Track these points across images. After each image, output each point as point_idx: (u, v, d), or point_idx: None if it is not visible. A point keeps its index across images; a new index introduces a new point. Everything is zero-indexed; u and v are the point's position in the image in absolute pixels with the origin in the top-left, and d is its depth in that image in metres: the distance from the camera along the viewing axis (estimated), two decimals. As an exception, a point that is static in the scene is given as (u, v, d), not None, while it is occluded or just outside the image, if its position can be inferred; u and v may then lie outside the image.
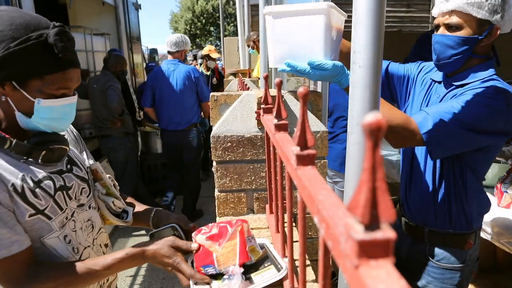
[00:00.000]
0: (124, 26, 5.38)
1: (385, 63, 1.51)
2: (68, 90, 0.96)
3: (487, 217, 1.93)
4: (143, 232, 4.01)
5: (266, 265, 0.91)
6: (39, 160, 0.97)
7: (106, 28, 5.06)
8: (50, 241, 0.98)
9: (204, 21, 25.07)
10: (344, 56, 1.35)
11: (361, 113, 0.86)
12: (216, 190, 1.21)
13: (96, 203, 1.17)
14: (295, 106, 1.17)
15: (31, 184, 0.94)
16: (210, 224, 0.98)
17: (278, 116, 0.73)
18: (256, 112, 1.14)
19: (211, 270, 0.90)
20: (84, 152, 1.24)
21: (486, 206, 1.45)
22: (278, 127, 0.72)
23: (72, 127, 1.22)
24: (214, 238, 0.92)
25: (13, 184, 0.91)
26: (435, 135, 1.16)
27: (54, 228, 0.99)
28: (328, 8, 1.11)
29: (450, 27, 1.22)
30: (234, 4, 20.63)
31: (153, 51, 11.70)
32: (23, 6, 2.80)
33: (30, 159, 0.96)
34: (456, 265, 1.41)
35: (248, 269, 0.91)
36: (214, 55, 5.66)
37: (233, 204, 1.21)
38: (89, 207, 1.13)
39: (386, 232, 0.27)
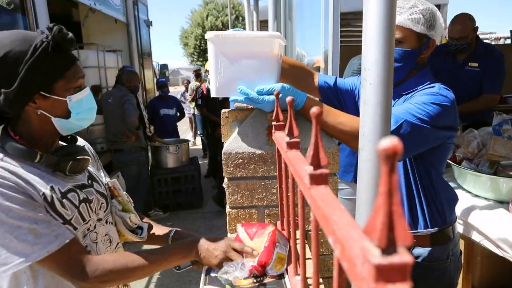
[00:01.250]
0: (135, 42, 5.49)
1: (331, 79, 1.58)
2: (83, 80, 1.04)
3: (504, 234, 1.90)
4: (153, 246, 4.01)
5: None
6: (66, 171, 1.02)
7: (118, 45, 5.18)
8: None
9: (213, 36, 25.42)
10: (287, 73, 1.45)
11: (372, 131, 0.86)
12: (227, 206, 1.21)
13: (113, 219, 1.20)
14: (306, 123, 1.18)
15: (59, 194, 0.98)
16: (255, 223, 1.11)
17: (290, 134, 0.74)
18: (267, 129, 1.15)
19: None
20: (101, 170, 1.28)
21: (455, 197, 1.51)
22: (290, 145, 0.73)
23: (89, 146, 1.27)
24: (250, 233, 1.02)
25: (43, 194, 0.94)
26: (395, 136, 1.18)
27: (78, 237, 1.02)
28: (278, 38, 1.09)
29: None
30: (243, 20, 20.91)
31: (164, 67, 11.87)
32: (40, 25, 2.88)
33: (57, 172, 1.01)
34: (441, 261, 1.45)
35: (258, 286, 0.93)
36: None
37: (244, 220, 1.21)
38: (106, 222, 1.15)
39: (403, 256, 0.27)
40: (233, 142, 1.16)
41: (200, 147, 8.37)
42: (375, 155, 0.84)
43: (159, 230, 1.28)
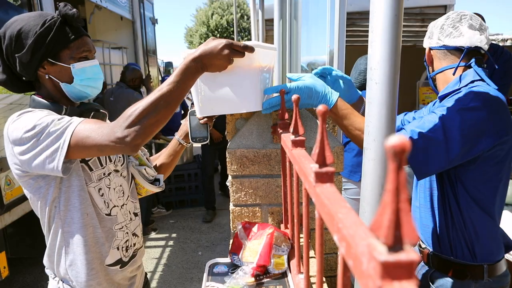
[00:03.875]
0: (141, 40, 5.50)
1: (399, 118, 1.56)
2: (90, 53, 1.15)
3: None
4: (156, 243, 4.02)
5: (277, 287, 0.92)
6: None
7: (123, 42, 5.19)
8: (90, 189, 1.13)
9: (218, 35, 25.41)
10: None
11: (377, 130, 0.86)
12: (231, 204, 1.21)
13: (130, 173, 1.31)
14: (311, 121, 1.18)
15: None
16: (256, 222, 1.11)
17: (295, 132, 0.74)
18: (272, 128, 1.15)
19: (236, 259, 1.01)
20: None
21: (495, 239, 1.26)
22: (295, 143, 0.73)
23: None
24: (249, 233, 1.02)
25: None
26: (415, 152, 1.10)
27: (93, 179, 1.14)
28: (259, 48, 1.01)
29: None
30: (248, 18, 20.89)
31: (169, 64, 11.89)
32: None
33: None
34: None
35: (260, 285, 0.93)
36: None
37: (247, 218, 1.21)
38: (121, 175, 1.26)
39: (410, 254, 0.27)
40: (237, 140, 1.16)
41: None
42: (380, 154, 0.84)
43: (165, 152, 1.43)
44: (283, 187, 1.07)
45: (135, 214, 1.31)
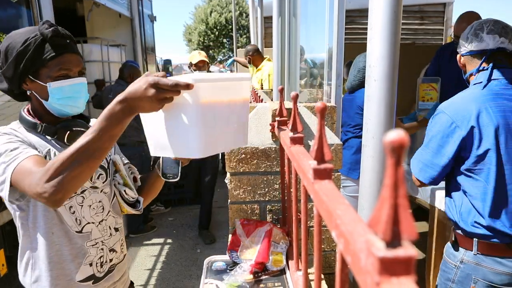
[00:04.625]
0: (139, 37, 5.48)
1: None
2: (69, 71, 1.12)
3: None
4: (155, 241, 4.02)
5: (276, 284, 0.92)
6: (65, 140, 1.14)
7: (122, 40, 5.17)
8: (59, 208, 1.10)
9: (217, 33, 25.37)
10: None
11: (376, 127, 0.86)
12: (229, 201, 1.21)
13: (113, 190, 1.29)
14: (309, 119, 1.17)
15: (53, 157, 1.10)
16: (254, 219, 1.11)
17: (294, 129, 0.74)
18: (270, 125, 1.15)
19: (234, 256, 1.01)
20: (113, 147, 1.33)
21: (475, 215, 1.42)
22: (294, 140, 0.73)
23: None
24: (247, 230, 1.03)
25: (39, 152, 1.08)
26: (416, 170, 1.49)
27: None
28: (201, 82, 0.83)
29: None
30: (247, 16, 20.86)
31: (167, 62, 11.86)
32: (44, 18, 2.88)
33: (58, 140, 1.14)
34: (451, 260, 1.48)
35: (259, 282, 0.93)
36: (199, 58, 4.11)
37: (246, 215, 1.21)
38: (101, 191, 1.23)
39: (408, 250, 0.27)
40: (236, 137, 1.16)
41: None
42: (378, 151, 0.84)
43: (146, 180, 1.38)
44: (282, 184, 1.07)
45: (116, 229, 1.28)
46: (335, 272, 0.43)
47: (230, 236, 1.07)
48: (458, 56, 1.58)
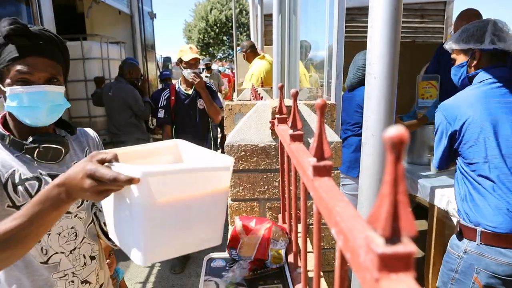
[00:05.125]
0: (139, 34, 5.47)
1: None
2: (30, 76, 0.98)
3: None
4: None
5: (275, 282, 0.93)
6: (34, 157, 1.02)
7: (121, 37, 5.16)
8: None
9: (217, 30, 25.34)
10: None
11: (376, 124, 0.86)
12: (229, 199, 1.21)
13: (91, 216, 1.16)
14: (309, 116, 1.17)
15: (17, 180, 0.99)
16: (253, 216, 1.10)
17: (294, 126, 0.74)
18: (270, 122, 1.15)
19: (234, 253, 1.02)
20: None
21: (482, 207, 1.46)
22: (294, 138, 0.73)
23: (96, 135, 1.26)
24: (247, 228, 1.02)
25: (1, 173, 0.99)
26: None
27: None
28: (144, 177, 0.68)
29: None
30: (247, 14, 20.83)
31: (167, 60, 11.84)
32: (43, 15, 2.88)
33: (27, 155, 1.02)
34: (454, 251, 1.52)
35: (258, 279, 0.93)
36: (191, 55, 3.09)
37: (245, 213, 1.21)
38: (75, 216, 1.10)
39: (407, 246, 0.27)
40: (236, 135, 1.16)
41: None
42: (378, 149, 0.84)
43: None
44: (281, 181, 1.07)
45: (92, 258, 1.14)
46: (335, 269, 0.43)
47: (229, 233, 1.08)
48: (464, 52, 1.62)
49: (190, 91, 3.23)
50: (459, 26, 2.87)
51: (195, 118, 3.25)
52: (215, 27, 25.23)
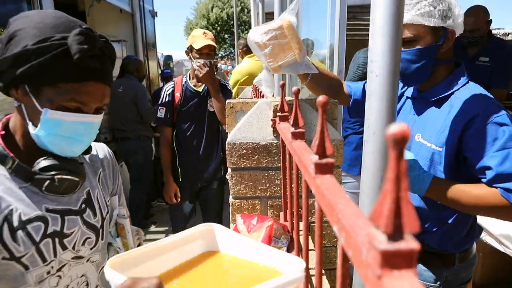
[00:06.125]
0: (140, 33, 5.47)
1: (361, 83, 1.48)
2: (84, 106, 0.82)
3: (506, 230, 1.89)
4: (155, 236, 4.03)
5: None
6: (43, 189, 0.81)
7: (123, 35, 5.16)
8: None
9: (218, 28, 25.33)
10: (319, 82, 1.38)
11: (377, 122, 0.86)
12: (230, 196, 1.21)
13: (106, 257, 0.98)
14: (310, 114, 1.17)
15: (16, 223, 0.78)
16: (255, 214, 1.09)
17: (295, 124, 0.74)
18: (272, 120, 1.15)
19: None
20: (117, 197, 1.05)
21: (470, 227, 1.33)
22: (295, 135, 0.73)
23: (111, 153, 1.07)
24: (248, 226, 1.01)
25: None
26: None
27: (28, 281, 0.79)
28: None
29: (406, 42, 1.21)
30: (248, 12, 20.80)
31: (168, 58, 11.84)
32: (44, 13, 2.87)
33: (33, 186, 0.82)
34: (430, 283, 1.34)
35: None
36: (204, 42, 2.45)
37: (247, 211, 1.21)
38: (87, 261, 0.92)
39: (410, 243, 0.27)
40: (237, 133, 1.16)
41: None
42: (379, 147, 0.84)
43: None
44: (283, 179, 1.07)
45: None
46: (336, 267, 0.43)
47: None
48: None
49: (201, 88, 2.58)
50: (466, 23, 2.85)
51: (203, 123, 2.60)
52: (216, 25, 25.22)
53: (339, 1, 2.21)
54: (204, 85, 2.57)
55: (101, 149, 1.05)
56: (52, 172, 0.81)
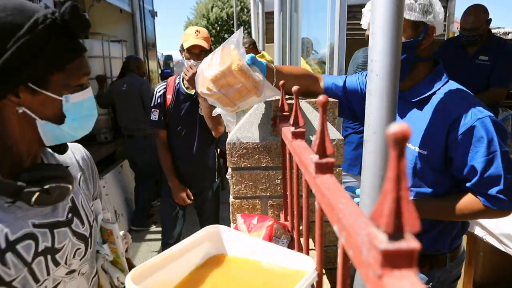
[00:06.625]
0: (140, 33, 5.48)
1: (341, 79, 1.39)
2: (87, 77, 0.79)
3: (507, 229, 1.89)
4: (156, 236, 4.04)
5: None
6: (31, 203, 0.72)
7: (123, 35, 5.17)
8: None
9: (218, 28, 25.32)
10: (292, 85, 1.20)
11: (377, 122, 0.86)
12: (231, 196, 1.21)
13: (95, 267, 0.92)
14: (311, 114, 1.17)
15: (3, 245, 0.69)
16: (255, 214, 1.08)
17: (296, 124, 0.74)
18: (272, 120, 1.15)
19: None
20: (100, 200, 0.99)
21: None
22: (295, 135, 0.73)
23: (88, 154, 0.99)
24: (248, 225, 1.01)
25: None
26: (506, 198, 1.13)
27: None
28: None
29: None
30: (248, 11, 20.79)
31: (168, 58, 11.85)
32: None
33: (18, 203, 0.72)
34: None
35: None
36: (193, 41, 2.33)
37: (247, 211, 1.21)
38: (79, 274, 0.86)
39: (410, 242, 0.27)
40: (237, 132, 1.16)
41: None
42: (380, 147, 0.84)
43: None
44: (283, 179, 1.07)
45: None
46: (337, 266, 0.43)
47: None
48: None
49: (194, 91, 2.42)
50: (466, 21, 2.85)
51: (194, 127, 2.48)
52: (216, 25, 25.20)
53: (339, 1, 2.21)
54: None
55: (77, 150, 0.95)
56: (43, 183, 0.73)
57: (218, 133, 2.43)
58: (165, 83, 2.54)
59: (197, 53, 2.33)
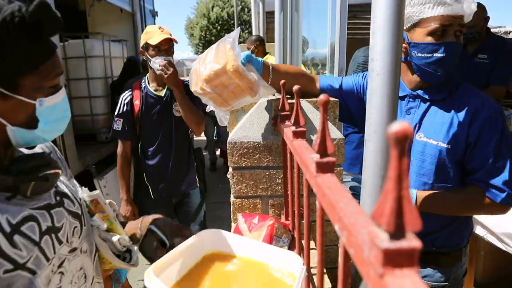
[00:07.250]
0: (141, 33, 5.47)
1: (337, 81, 1.38)
2: (59, 78, 0.75)
3: (508, 228, 1.89)
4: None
5: None
6: (28, 194, 0.73)
7: (123, 35, 5.16)
8: None
9: (219, 27, 25.31)
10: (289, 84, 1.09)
11: (378, 121, 0.86)
12: (231, 195, 1.21)
13: (93, 243, 0.92)
14: (311, 113, 1.17)
15: (7, 228, 0.69)
16: (256, 213, 1.09)
17: (296, 123, 0.74)
18: (273, 119, 1.15)
19: None
20: (73, 179, 0.98)
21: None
22: (296, 134, 0.73)
23: (54, 147, 0.97)
24: (249, 225, 1.01)
25: None
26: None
27: (39, 286, 0.71)
28: None
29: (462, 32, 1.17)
30: (249, 11, 20.80)
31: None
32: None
33: (14, 196, 0.72)
34: (441, 283, 1.34)
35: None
36: (161, 36, 2.17)
37: (248, 210, 1.21)
38: (81, 251, 0.86)
39: (412, 241, 0.27)
40: (238, 132, 1.16)
41: (205, 138, 8.38)
42: (380, 146, 0.84)
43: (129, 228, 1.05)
44: (284, 178, 1.07)
45: None
46: (338, 266, 0.43)
47: (232, 230, 1.08)
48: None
49: (163, 92, 2.29)
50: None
51: (169, 131, 2.31)
52: (217, 24, 25.19)
53: (339, 0, 2.21)
54: (166, 88, 2.28)
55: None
56: (35, 173, 0.73)
57: (199, 132, 2.31)
58: (130, 89, 2.36)
59: (166, 48, 2.18)
